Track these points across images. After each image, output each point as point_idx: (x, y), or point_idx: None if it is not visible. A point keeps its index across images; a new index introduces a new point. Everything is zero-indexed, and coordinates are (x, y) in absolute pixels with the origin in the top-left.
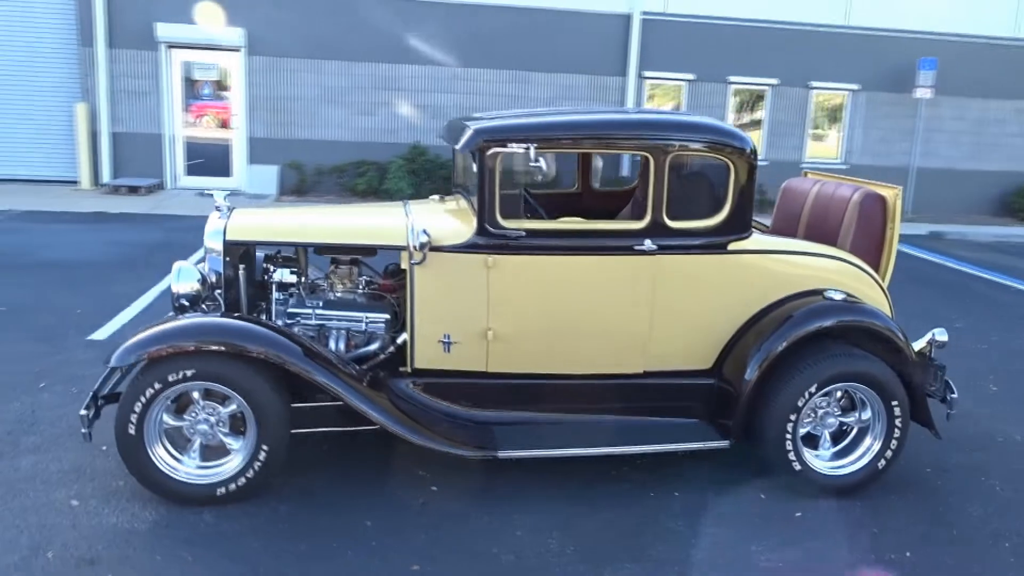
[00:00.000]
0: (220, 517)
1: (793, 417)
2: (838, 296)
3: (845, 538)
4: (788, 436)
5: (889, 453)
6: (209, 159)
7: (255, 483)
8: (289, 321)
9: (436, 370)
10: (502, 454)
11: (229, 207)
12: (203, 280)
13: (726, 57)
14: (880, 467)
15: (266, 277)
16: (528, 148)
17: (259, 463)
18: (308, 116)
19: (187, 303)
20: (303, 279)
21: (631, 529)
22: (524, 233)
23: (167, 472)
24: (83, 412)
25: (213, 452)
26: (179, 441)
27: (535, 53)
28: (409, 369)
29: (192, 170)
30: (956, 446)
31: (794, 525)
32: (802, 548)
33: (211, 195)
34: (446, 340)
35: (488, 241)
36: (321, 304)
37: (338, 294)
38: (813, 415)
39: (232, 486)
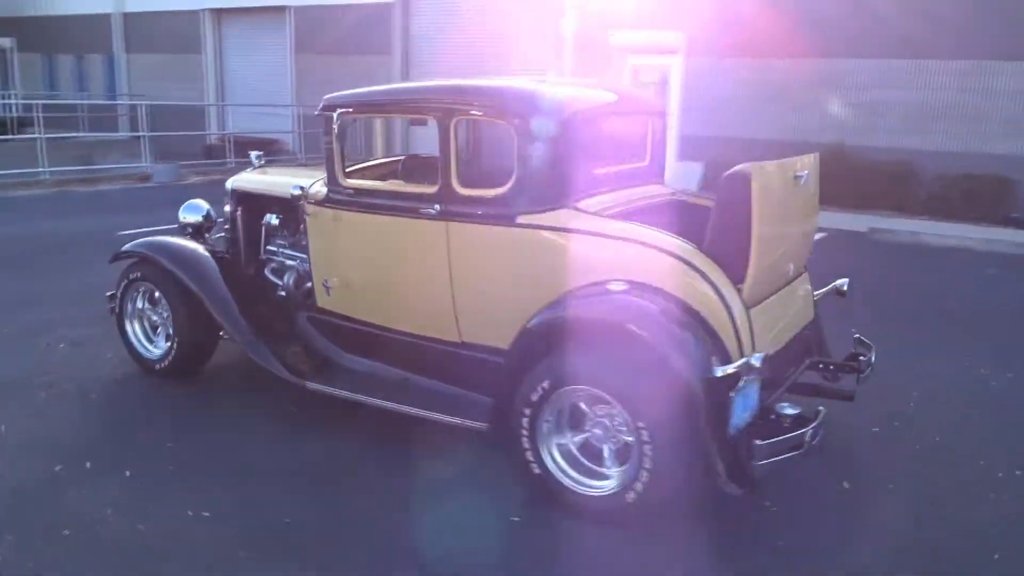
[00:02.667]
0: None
1: (528, 412)
2: (617, 288)
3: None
4: (524, 433)
5: (639, 486)
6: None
7: (177, 366)
8: (267, 257)
9: (326, 309)
10: (310, 386)
11: (261, 164)
12: (208, 215)
13: None
14: (629, 500)
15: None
16: (335, 115)
17: (174, 351)
18: (734, 115)
19: (191, 231)
20: (293, 224)
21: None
22: (352, 192)
23: (135, 345)
24: (108, 294)
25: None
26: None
27: (1000, 37)
28: (316, 306)
29: None
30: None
31: (494, 531)
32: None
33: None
34: (326, 284)
35: (334, 197)
36: (286, 246)
37: (302, 239)
38: (591, 424)
39: (162, 364)
